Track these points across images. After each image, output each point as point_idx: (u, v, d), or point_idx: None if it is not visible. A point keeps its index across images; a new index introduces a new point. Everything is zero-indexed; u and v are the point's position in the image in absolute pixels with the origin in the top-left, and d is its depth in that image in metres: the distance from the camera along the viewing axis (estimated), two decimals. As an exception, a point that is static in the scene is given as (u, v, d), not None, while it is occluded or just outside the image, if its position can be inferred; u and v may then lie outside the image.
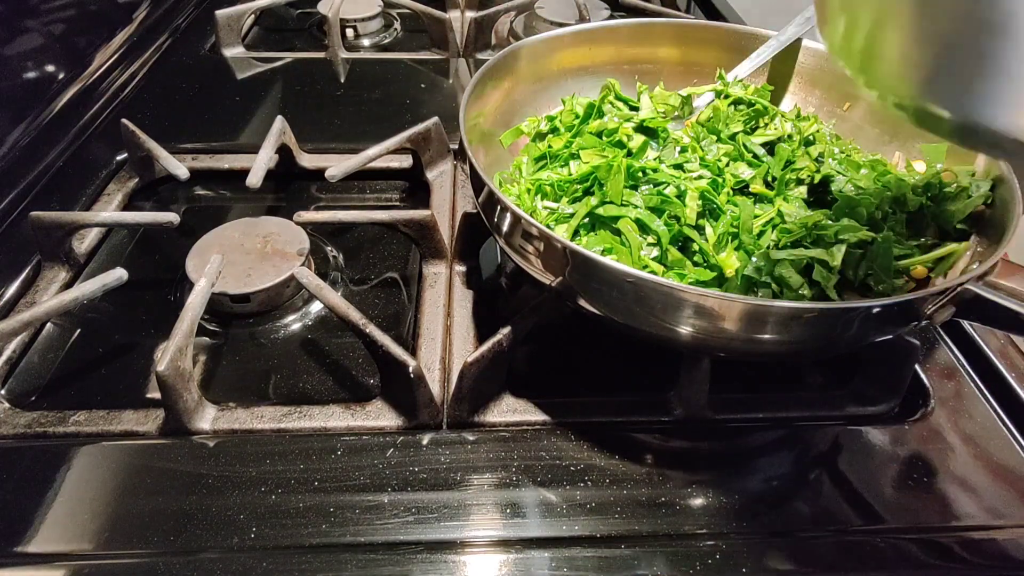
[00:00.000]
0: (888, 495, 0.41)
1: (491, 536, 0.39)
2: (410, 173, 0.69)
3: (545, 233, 0.40)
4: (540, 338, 0.50)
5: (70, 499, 0.40)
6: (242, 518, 0.39)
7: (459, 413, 0.45)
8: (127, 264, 0.50)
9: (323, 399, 0.47)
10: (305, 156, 0.68)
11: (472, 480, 0.41)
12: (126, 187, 0.65)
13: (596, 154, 0.51)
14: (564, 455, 0.43)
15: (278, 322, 0.53)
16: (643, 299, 0.38)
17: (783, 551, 0.38)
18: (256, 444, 0.43)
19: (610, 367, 0.51)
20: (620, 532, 0.39)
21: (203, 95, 0.80)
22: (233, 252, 0.54)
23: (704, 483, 0.42)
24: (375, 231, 0.63)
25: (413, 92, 0.82)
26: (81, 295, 0.47)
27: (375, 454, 0.42)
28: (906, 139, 0.56)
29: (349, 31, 0.96)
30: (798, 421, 0.46)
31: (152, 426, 0.44)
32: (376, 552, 0.38)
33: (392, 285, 0.58)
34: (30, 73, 0.72)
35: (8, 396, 0.47)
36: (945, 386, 0.49)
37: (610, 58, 0.64)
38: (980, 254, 0.45)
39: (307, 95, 0.81)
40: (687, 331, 0.39)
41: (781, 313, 0.37)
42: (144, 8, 0.95)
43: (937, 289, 0.38)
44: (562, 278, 0.41)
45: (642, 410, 0.47)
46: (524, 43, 0.59)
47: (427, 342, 0.50)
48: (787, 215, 0.47)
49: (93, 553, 0.37)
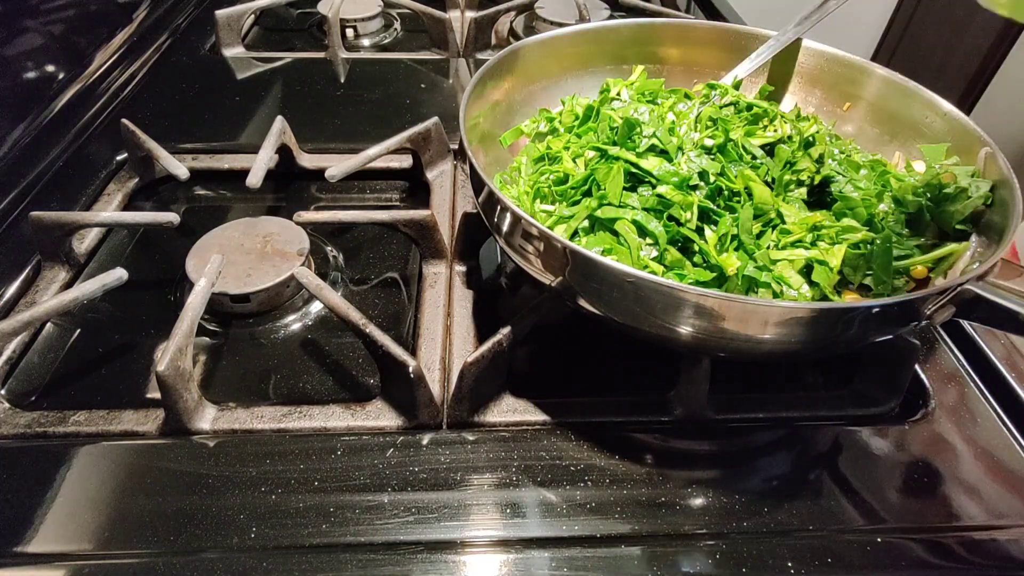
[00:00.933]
0: (888, 495, 0.41)
1: (491, 536, 0.39)
2: (410, 173, 0.69)
3: (545, 233, 0.40)
4: (540, 338, 0.50)
5: (70, 499, 0.40)
6: (242, 518, 0.39)
7: (459, 413, 0.45)
8: (127, 264, 0.50)
9: (323, 399, 0.47)
10: (305, 156, 0.68)
11: (472, 480, 0.41)
12: (126, 187, 0.65)
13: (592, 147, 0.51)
14: (564, 455, 0.43)
15: (278, 322, 0.53)
16: (643, 299, 0.38)
17: (783, 551, 0.38)
18: (256, 444, 0.43)
19: (610, 367, 0.51)
20: (620, 532, 0.39)
21: (203, 95, 0.80)
22: (233, 252, 0.54)
23: (704, 483, 0.42)
24: (375, 231, 0.63)
25: (413, 92, 0.82)
26: (81, 295, 0.47)
27: (375, 454, 0.42)
28: (906, 139, 0.56)
29: (349, 31, 0.96)
30: (798, 421, 0.46)
31: (152, 426, 0.44)
32: (376, 552, 0.38)
33: (392, 285, 0.58)
34: (30, 73, 0.72)
35: (8, 396, 0.47)
36: (945, 386, 0.49)
37: (610, 58, 0.64)
38: (980, 254, 0.45)
39: (307, 95, 0.81)
40: (687, 331, 0.39)
41: (781, 313, 0.37)
42: (144, 8, 0.95)
43: (937, 289, 0.38)
44: (562, 278, 0.41)
45: (642, 410, 0.47)
46: (524, 43, 0.59)
47: (427, 342, 0.50)
48: (787, 215, 0.47)
49: (93, 553, 0.37)
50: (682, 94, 0.58)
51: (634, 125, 0.50)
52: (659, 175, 0.47)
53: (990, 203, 0.47)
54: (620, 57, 0.64)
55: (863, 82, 0.59)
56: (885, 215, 0.49)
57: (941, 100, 0.53)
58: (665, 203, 0.45)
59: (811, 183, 0.51)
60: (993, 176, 0.47)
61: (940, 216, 0.48)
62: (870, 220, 0.47)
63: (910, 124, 0.56)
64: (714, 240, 0.45)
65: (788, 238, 0.46)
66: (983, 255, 0.44)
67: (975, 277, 0.38)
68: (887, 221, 0.48)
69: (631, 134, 0.50)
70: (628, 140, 0.50)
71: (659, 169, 0.47)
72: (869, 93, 0.59)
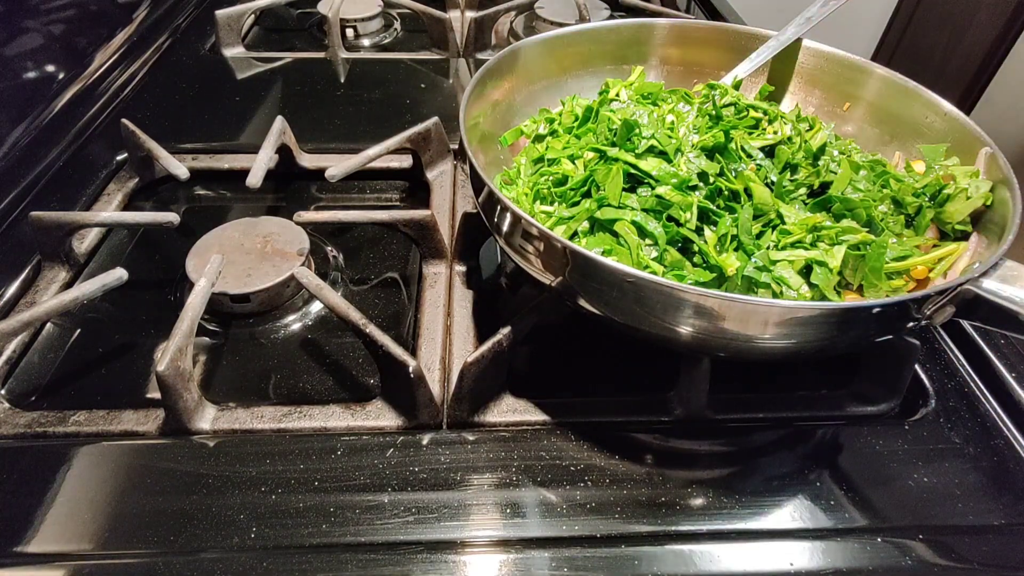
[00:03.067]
0: (888, 495, 0.41)
1: (491, 536, 0.39)
2: (410, 173, 0.69)
3: (545, 233, 0.40)
4: (540, 338, 0.50)
5: (70, 499, 0.40)
6: (242, 518, 0.39)
7: (459, 413, 0.45)
8: (127, 264, 0.50)
9: (323, 399, 0.47)
10: (305, 156, 0.68)
11: (472, 480, 0.41)
12: (126, 187, 0.65)
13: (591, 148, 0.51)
14: (564, 455, 0.43)
15: (278, 322, 0.53)
16: (643, 299, 0.38)
17: (783, 551, 0.38)
18: (256, 444, 0.43)
19: (610, 367, 0.51)
20: (620, 532, 0.39)
21: (203, 95, 0.80)
22: (233, 252, 0.54)
23: (704, 483, 0.42)
24: (375, 231, 0.63)
25: (413, 92, 0.82)
26: (81, 295, 0.47)
27: (375, 454, 0.42)
28: (906, 139, 0.56)
29: (349, 31, 0.96)
30: (798, 421, 0.46)
31: (152, 426, 0.44)
32: (376, 552, 0.38)
33: (392, 285, 0.58)
34: (30, 73, 0.72)
35: (8, 396, 0.47)
36: (945, 386, 0.49)
37: (610, 58, 0.64)
38: (980, 254, 0.45)
39: (307, 95, 0.81)
40: (687, 331, 0.39)
41: (780, 313, 0.37)
42: (144, 8, 0.95)
43: (936, 289, 0.38)
44: (562, 278, 0.41)
45: (642, 410, 0.47)
46: (524, 43, 0.59)
47: (427, 342, 0.50)
48: (787, 216, 0.47)
49: (93, 553, 0.37)
50: (681, 94, 0.58)
51: (633, 126, 0.50)
52: (658, 176, 0.47)
53: (990, 203, 0.47)
54: (620, 57, 0.64)
55: (863, 82, 0.59)
56: (885, 216, 0.49)
57: (941, 100, 0.53)
58: (664, 204, 0.45)
59: (813, 188, 0.51)
60: (993, 176, 0.47)
61: (940, 216, 0.48)
62: (870, 221, 0.47)
63: (910, 124, 0.56)
64: (713, 240, 0.45)
65: (788, 239, 0.46)
66: (983, 255, 0.44)
67: (975, 277, 0.38)
68: (887, 222, 0.48)
69: (630, 135, 0.50)
70: (627, 141, 0.50)
71: (658, 170, 0.47)
72: (869, 93, 0.59)
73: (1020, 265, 0.39)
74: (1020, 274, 0.38)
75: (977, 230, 0.47)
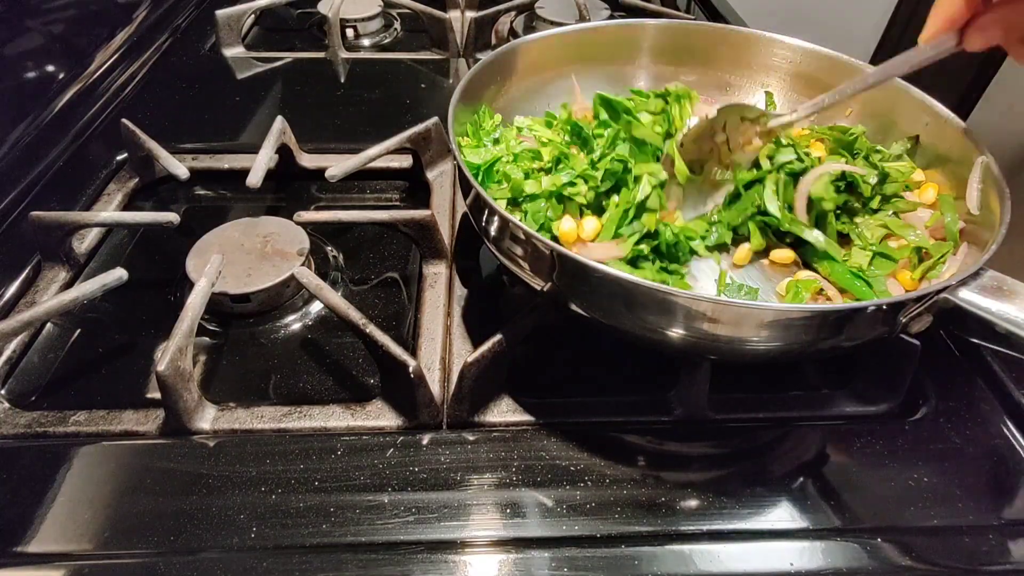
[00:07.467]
0: (888, 495, 0.41)
1: (491, 536, 0.39)
2: (410, 173, 0.69)
3: (532, 236, 0.39)
4: (540, 338, 0.50)
5: (70, 499, 0.40)
6: (242, 518, 0.39)
7: (459, 413, 0.45)
8: (127, 264, 0.50)
9: (323, 399, 0.47)
10: (305, 156, 0.68)
11: (472, 480, 0.41)
12: (126, 187, 0.65)
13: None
14: (564, 455, 0.43)
15: (278, 322, 0.53)
16: (632, 302, 0.38)
17: (783, 551, 0.38)
18: (256, 444, 0.43)
19: (610, 367, 0.51)
20: (620, 532, 0.39)
21: (203, 95, 0.80)
22: (233, 252, 0.54)
23: (704, 483, 0.42)
24: (375, 231, 0.63)
25: (413, 92, 0.82)
26: (81, 295, 0.47)
27: (375, 454, 0.42)
28: (899, 138, 0.56)
29: (349, 31, 0.96)
30: (798, 421, 0.46)
31: (152, 426, 0.44)
32: (376, 552, 0.38)
33: (392, 285, 0.58)
34: (30, 73, 0.72)
35: (8, 396, 0.47)
36: (945, 386, 0.49)
37: (610, 58, 0.64)
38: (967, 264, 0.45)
39: (307, 95, 0.81)
40: (675, 334, 0.39)
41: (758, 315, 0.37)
42: (144, 8, 0.95)
43: (912, 296, 0.37)
44: (551, 283, 0.41)
45: (642, 410, 0.47)
46: (520, 42, 0.59)
47: (427, 342, 0.50)
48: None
49: (93, 553, 0.37)
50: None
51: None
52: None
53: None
54: (620, 57, 0.64)
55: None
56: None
57: (939, 105, 0.54)
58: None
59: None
60: (988, 183, 0.47)
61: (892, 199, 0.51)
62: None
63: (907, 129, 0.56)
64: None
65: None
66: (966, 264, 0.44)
67: (952, 285, 0.37)
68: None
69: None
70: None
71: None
72: (867, 96, 0.58)
73: (1002, 276, 0.38)
74: (1001, 284, 0.37)
75: (966, 240, 0.47)
